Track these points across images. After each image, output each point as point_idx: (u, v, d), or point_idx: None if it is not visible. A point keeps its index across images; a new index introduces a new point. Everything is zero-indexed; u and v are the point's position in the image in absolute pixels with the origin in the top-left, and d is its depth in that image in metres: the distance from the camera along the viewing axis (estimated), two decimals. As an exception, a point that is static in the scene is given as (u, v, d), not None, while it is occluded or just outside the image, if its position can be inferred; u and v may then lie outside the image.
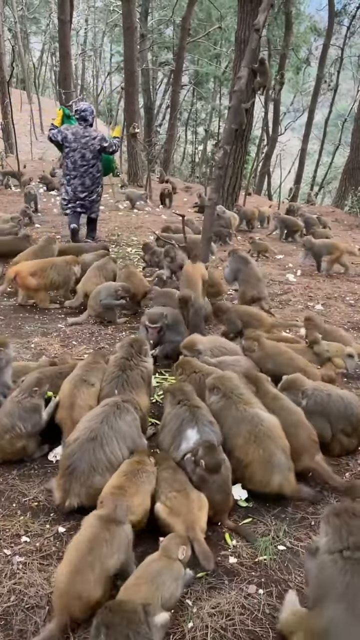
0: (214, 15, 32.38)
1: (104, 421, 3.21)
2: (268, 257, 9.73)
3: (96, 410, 3.37)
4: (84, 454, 3.08)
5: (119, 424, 3.24)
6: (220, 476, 3.06)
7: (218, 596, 2.64)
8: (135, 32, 18.55)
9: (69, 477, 3.05)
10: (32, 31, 49.07)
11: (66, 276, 6.52)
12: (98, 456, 3.08)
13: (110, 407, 3.33)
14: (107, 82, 48.83)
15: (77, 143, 8.16)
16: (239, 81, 5.23)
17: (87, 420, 3.28)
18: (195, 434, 3.24)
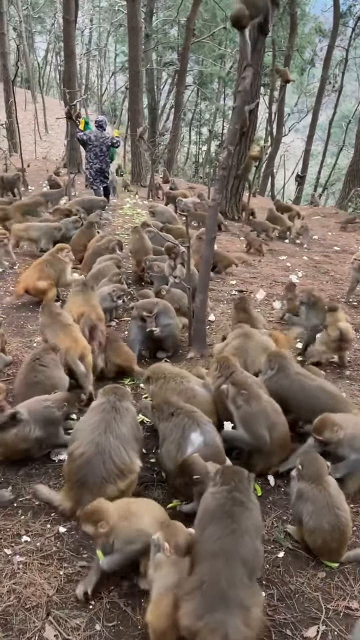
0: (218, 16, 32.34)
1: (107, 431, 3.16)
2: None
3: (95, 418, 3.25)
4: (94, 467, 3.05)
5: (122, 430, 3.21)
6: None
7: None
8: (140, 32, 18.57)
9: (80, 490, 3.04)
10: (37, 30, 49.12)
11: (60, 269, 6.54)
12: (108, 467, 3.07)
13: (109, 414, 3.25)
14: (112, 82, 48.88)
15: (97, 142, 11.97)
16: (243, 81, 5.21)
17: (90, 430, 3.19)
18: (198, 436, 3.28)
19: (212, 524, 2.33)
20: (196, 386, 3.94)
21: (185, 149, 42.60)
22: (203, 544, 2.29)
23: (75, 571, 2.76)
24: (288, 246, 11.17)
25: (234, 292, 7.69)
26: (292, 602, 2.67)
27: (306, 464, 3.06)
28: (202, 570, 2.18)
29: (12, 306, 6.51)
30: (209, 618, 2.01)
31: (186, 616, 2.05)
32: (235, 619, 2.05)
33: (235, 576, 2.15)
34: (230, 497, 2.44)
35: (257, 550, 2.36)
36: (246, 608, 2.11)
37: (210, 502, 2.46)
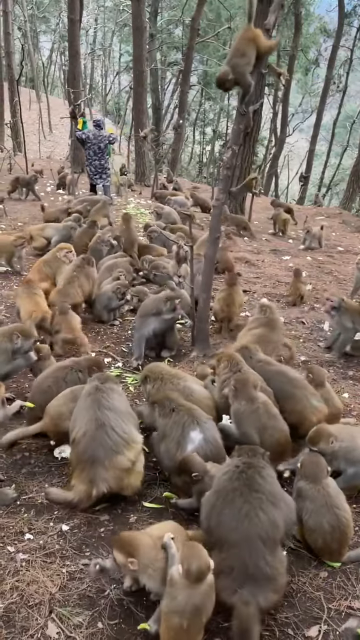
0: (223, 16, 32.32)
1: (100, 408, 3.26)
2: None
3: (86, 401, 3.35)
4: (100, 441, 3.14)
5: (114, 404, 3.32)
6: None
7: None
8: (145, 32, 18.57)
9: (93, 468, 3.11)
10: (41, 30, 49.18)
11: (56, 267, 6.54)
12: (113, 438, 3.16)
13: (96, 394, 3.34)
14: (116, 82, 48.87)
15: (95, 140, 12.60)
16: (247, 81, 5.20)
17: (85, 412, 3.28)
18: (198, 433, 3.32)
19: (227, 508, 2.54)
20: (193, 385, 3.95)
21: (189, 149, 42.59)
22: (225, 530, 2.52)
23: (77, 569, 2.76)
24: (291, 246, 11.16)
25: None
26: (294, 601, 2.68)
27: (306, 464, 3.07)
28: (230, 556, 2.46)
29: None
30: (241, 593, 2.38)
31: (223, 592, 2.40)
32: (264, 590, 2.43)
33: (258, 558, 2.44)
34: (239, 473, 2.63)
35: (273, 522, 2.51)
36: (271, 579, 2.46)
37: (222, 475, 2.68)
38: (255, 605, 2.34)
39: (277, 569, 2.48)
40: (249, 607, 2.32)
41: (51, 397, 3.77)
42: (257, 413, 3.57)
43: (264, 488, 2.58)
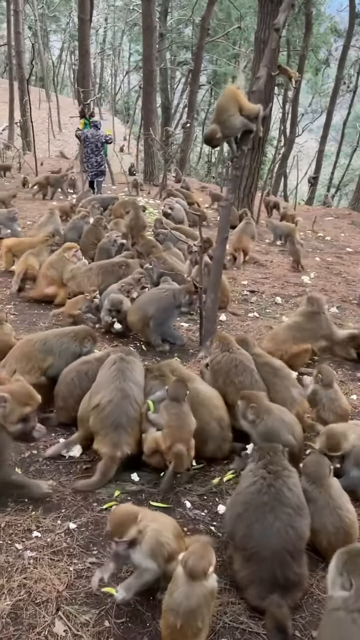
0: (233, 15, 32.29)
1: (126, 379, 3.66)
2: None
3: (111, 370, 3.72)
4: (124, 410, 3.51)
5: (137, 378, 3.77)
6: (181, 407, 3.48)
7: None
8: (155, 31, 18.61)
9: (116, 432, 3.44)
10: (52, 29, 49.32)
11: (61, 266, 6.56)
12: (135, 407, 3.56)
13: (122, 364, 3.75)
14: (125, 81, 48.95)
15: (93, 139, 13.72)
16: (257, 81, 5.21)
17: (110, 380, 3.65)
18: (159, 392, 3.67)
19: (258, 523, 2.65)
20: (200, 385, 3.97)
21: (197, 149, 42.55)
22: (254, 542, 2.64)
23: (85, 567, 2.77)
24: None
25: (246, 292, 7.68)
26: (301, 603, 2.67)
27: (308, 464, 3.07)
28: (260, 568, 2.60)
29: (25, 304, 6.56)
30: (271, 598, 2.54)
31: (254, 599, 2.60)
32: (292, 594, 2.61)
33: (288, 570, 2.58)
34: (267, 487, 2.73)
35: (300, 536, 2.65)
36: (298, 584, 2.64)
37: (250, 486, 2.77)
38: (287, 607, 2.53)
39: (302, 575, 2.66)
40: (282, 609, 2.50)
41: (74, 389, 3.95)
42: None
43: (292, 502, 2.70)
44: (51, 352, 4.19)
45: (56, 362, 4.18)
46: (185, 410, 3.45)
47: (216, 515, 3.24)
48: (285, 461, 2.88)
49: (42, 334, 4.46)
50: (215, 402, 3.87)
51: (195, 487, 3.50)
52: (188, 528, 3.11)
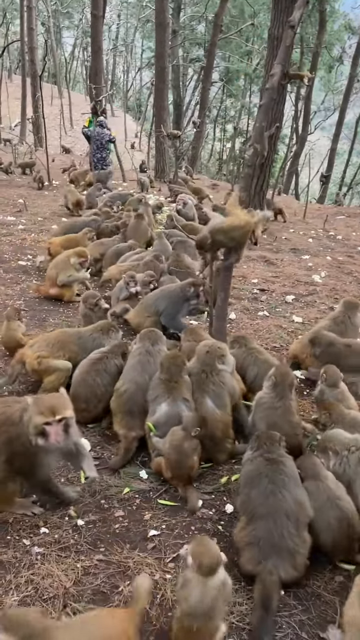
0: (247, 12, 32.16)
1: (143, 372, 3.96)
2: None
3: (133, 361, 4.05)
4: (136, 400, 3.85)
5: (154, 369, 3.94)
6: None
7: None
8: (167, 28, 18.52)
9: (129, 418, 3.81)
10: (64, 26, 49.41)
11: (61, 268, 6.51)
12: (144, 398, 3.83)
13: (144, 357, 4.06)
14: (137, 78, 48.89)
15: (98, 137, 15.07)
16: (271, 79, 5.16)
17: (130, 371, 4.00)
18: (166, 406, 3.64)
19: (255, 488, 2.84)
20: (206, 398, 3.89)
21: (209, 146, 42.46)
22: (252, 505, 2.81)
23: (92, 564, 2.77)
24: (311, 245, 11.07)
25: (256, 290, 7.65)
26: (308, 604, 2.65)
27: (303, 463, 3.10)
28: (256, 528, 2.73)
29: (35, 300, 6.58)
30: (265, 563, 2.64)
31: (247, 562, 2.70)
32: (286, 564, 2.65)
33: (283, 530, 2.69)
34: (264, 459, 2.93)
35: (297, 501, 2.79)
36: (293, 553, 2.68)
37: (248, 466, 2.97)
38: (277, 575, 2.61)
39: (298, 546, 2.71)
40: (272, 576, 2.60)
41: (97, 388, 4.08)
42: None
43: (287, 472, 2.89)
44: (85, 349, 4.43)
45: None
46: (188, 447, 3.36)
47: (224, 515, 3.23)
48: (281, 450, 3.03)
49: (75, 330, 4.81)
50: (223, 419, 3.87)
51: (203, 486, 3.50)
52: (195, 527, 3.11)
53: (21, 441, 2.86)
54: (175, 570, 2.77)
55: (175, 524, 3.11)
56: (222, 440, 3.71)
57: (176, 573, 2.75)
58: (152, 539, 2.98)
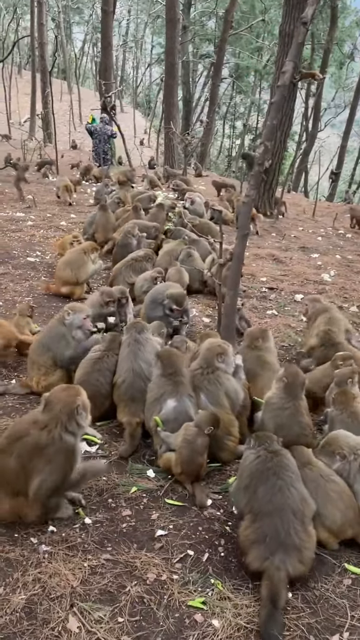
0: (257, 8, 31.97)
1: (137, 359, 4.07)
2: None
3: (126, 352, 4.14)
4: (137, 387, 3.97)
5: (147, 357, 4.09)
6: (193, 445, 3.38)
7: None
8: (178, 23, 18.43)
9: (132, 405, 3.92)
10: (74, 21, 49.35)
11: (78, 266, 6.51)
12: (145, 383, 3.95)
13: (134, 346, 4.14)
14: (147, 74, 48.77)
15: (101, 132, 16.54)
16: (282, 76, 5.10)
17: (124, 361, 4.10)
18: (173, 402, 3.65)
19: (262, 485, 2.82)
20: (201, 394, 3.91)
21: (218, 143, 42.31)
22: (259, 503, 2.79)
23: (99, 563, 2.76)
24: (321, 243, 11.00)
25: (264, 289, 7.61)
26: (316, 607, 2.64)
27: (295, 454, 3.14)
28: (263, 525, 2.73)
29: (44, 297, 6.58)
30: (272, 560, 2.64)
31: (255, 560, 2.68)
32: (293, 559, 2.66)
33: (289, 526, 2.69)
34: (269, 455, 2.92)
35: (303, 498, 2.82)
36: (300, 550, 2.68)
37: (254, 461, 2.94)
38: (285, 571, 2.61)
39: (305, 541, 2.72)
40: (280, 572, 2.60)
41: (101, 387, 4.10)
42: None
43: (292, 469, 2.91)
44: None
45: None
46: (200, 444, 3.38)
47: (231, 515, 3.21)
48: (280, 446, 3.04)
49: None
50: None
51: (211, 486, 3.48)
52: (203, 527, 3.09)
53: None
54: (182, 571, 2.76)
55: (182, 524, 3.10)
56: (222, 438, 3.69)
57: (183, 573, 2.75)
58: (159, 538, 2.97)
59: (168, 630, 2.44)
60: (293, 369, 3.78)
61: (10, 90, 30.49)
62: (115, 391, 4.06)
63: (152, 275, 6.23)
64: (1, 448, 2.96)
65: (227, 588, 2.69)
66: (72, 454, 2.98)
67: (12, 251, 8.08)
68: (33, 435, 2.92)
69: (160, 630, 2.44)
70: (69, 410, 2.97)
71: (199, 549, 2.92)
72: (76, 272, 6.45)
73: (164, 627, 2.46)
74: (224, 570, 2.81)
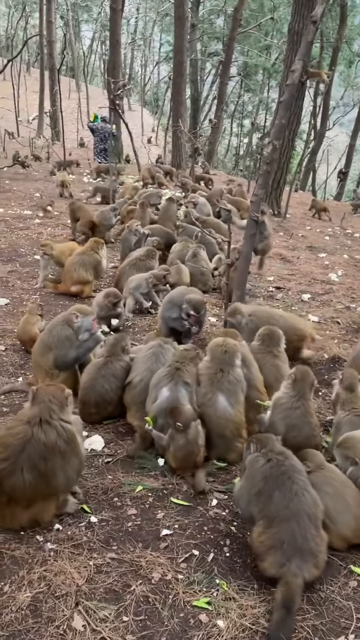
0: (266, 6, 31.85)
1: (157, 361, 4.02)
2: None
3: (146, 352, 4.11)
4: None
5: (166, 360, 4.02)
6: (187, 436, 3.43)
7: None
8: (186, 21, 18.40)
9: (141, 406, 3.84)
10: (83, 19, 49.36)
11: (93, 265, 6.55)
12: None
13: (157, 349, 4.13)
14: (155, 72, 48.72)
15: (102, 130, 17.45)
16: (292, 75, 5.09)
17: (143, 362, 4.05)
18: (167, 391, 3.66)
19: (278, 490, 2.79)
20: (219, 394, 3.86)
21: (225, 141, 42.20)
22: (275, 508, 2.76)
23: (104, 562, 2.77)
24: (328, 243, 10.96)
25: (271, 288, 7.60)
26: (322, 609, 2.63)
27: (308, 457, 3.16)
28: (280, 531, 2.70)
29: (51, 295, 6.60)
30: (289, 566, 2.62)
31: (271, 566, 2.67)
32: (309, 565, 2.66)
33: (305, 532, 2.69)
34: (280, 458, 2.91)
35: (315, 501, 2.81)
36: (315, 554, 2.69)
37: (265, 464, 2.89)
38: (302, 577, 2.60)
39: (319, 545, 2.73)
40: (297, 579, 2.59)
41: (106, 394, 4.06)
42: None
43: (303, 472, 2.92)
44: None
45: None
46: (192, 439, 3.44)
47: (237, 515, 3.20)
48: (283, 447, 3.04)
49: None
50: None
51: (216, 485, 3.48)
52: (208, 527, 3.09)
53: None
54: (187, 571, 2.76)
55: (188, 523, 3.09)
56: (232, 439, 3.69)
57: (188, 573, 2.74)
58: (164, 538, 2.97)
59: (173, 630, 2.44)
60: (304, 367, 3.76)
61: (19, 88, 30.52)
62: (128, 391, 3.99)
63: (148, 277, 6.25)
64: (7, 470, 2.82)
65: (232, 589, 2.68)
66: (76, 439, 3.02)
67: (19, 249, 8.11)
68: (36, 438, 2.85)
69: (165, 630, 2.44)
70: (60, 400, 3.01)
71: (204, 549, 2.92)
72: (91, 272, 6.50)
73: (168, 626, 2.46)
74: (229, 571, 2.81)
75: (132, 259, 6.81)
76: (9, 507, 2.86)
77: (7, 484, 2.80)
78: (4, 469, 2.80)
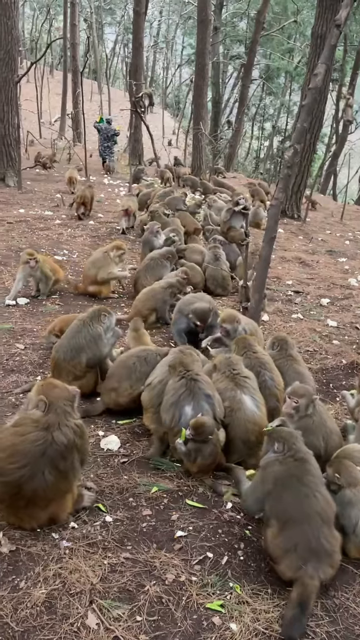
0: (289, 9, 31.74)
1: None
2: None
3: (167, 358, 4.03)
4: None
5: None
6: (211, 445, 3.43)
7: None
8: (209, 24, 18.42)
9: (159, 409, 3.78)
10: (106, 22, 49.70)
11: (99, 266, 6.56)
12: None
13: (177, 354, 3.98)
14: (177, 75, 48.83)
15: (106, 131, 18.61)
16: (314, 78, 5.07)
17: (164, 365, 3.99)
18: (191, 410, 3.56)
19: (288, 491, 2.82)
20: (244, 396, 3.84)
21: (246, 144, 42.11)
22: (287, 509, 2.78)
23: (119, 562, 2.78)
24: (349, 247, 10.88)
25: (290, 292, 7.56)
26: (336, 616, 2.61)
27: (342, 470, 3.09)
28: (293, 534, 2.72)
29: (70, 295, 6.65)
30: (306, 568, 2.63)
31: (287, 570, 2.69)
32: (324, 565, 2.68)
33: (319, 533, 2.70)
34: (293, 460, 2.92)
35: (327, 501, 2.82)
36: (330, 554, 2.71)
37: (277, 468, 2.92)
38: (318, 579, 2.62)
39: (333, 545, 2.74)
40: (314, 581, 2.60)
41: (132, 372, 4.18)
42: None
43: (317, 473, 2.92)
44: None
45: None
46: (211, 452, 3.44)
47: (252, 519, 3.20)
48: (305, 447, 3.05)
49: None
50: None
51: (231, 488, 3.47)
52: (223, 530, 3.09)
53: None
54: (201, 573, 2.76)
55: (202, 526, 3.09)
56: (256, 445, 3.66)
57: (202, 575, 2.75)
58: (178, 539, 2.97)
59: (186, 632, 2.44)
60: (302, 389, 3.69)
61: (42, 90, 30.85)
62: (147, 392, 3.94)
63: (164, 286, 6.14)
64: (27, 476, 2.81)
65: (246, 592, 2.68)
66: (85, 429, 3.10)
67: (39, 249, 8.19)
68: (57, 441, 2.86)
69: (178, 631, 2.45)
70: (71, 401, 3.06)
71: (218, 552, 2.92)
72: (97, 271, 6.52)
73: (181, 628, 2.46)
74: (242, 574, 2.80)
75: (145, 261, 6.84)
76: (27, 509, 2.89)
77: (28, 489, 2.80)
78: (24, 476, 2.79)
